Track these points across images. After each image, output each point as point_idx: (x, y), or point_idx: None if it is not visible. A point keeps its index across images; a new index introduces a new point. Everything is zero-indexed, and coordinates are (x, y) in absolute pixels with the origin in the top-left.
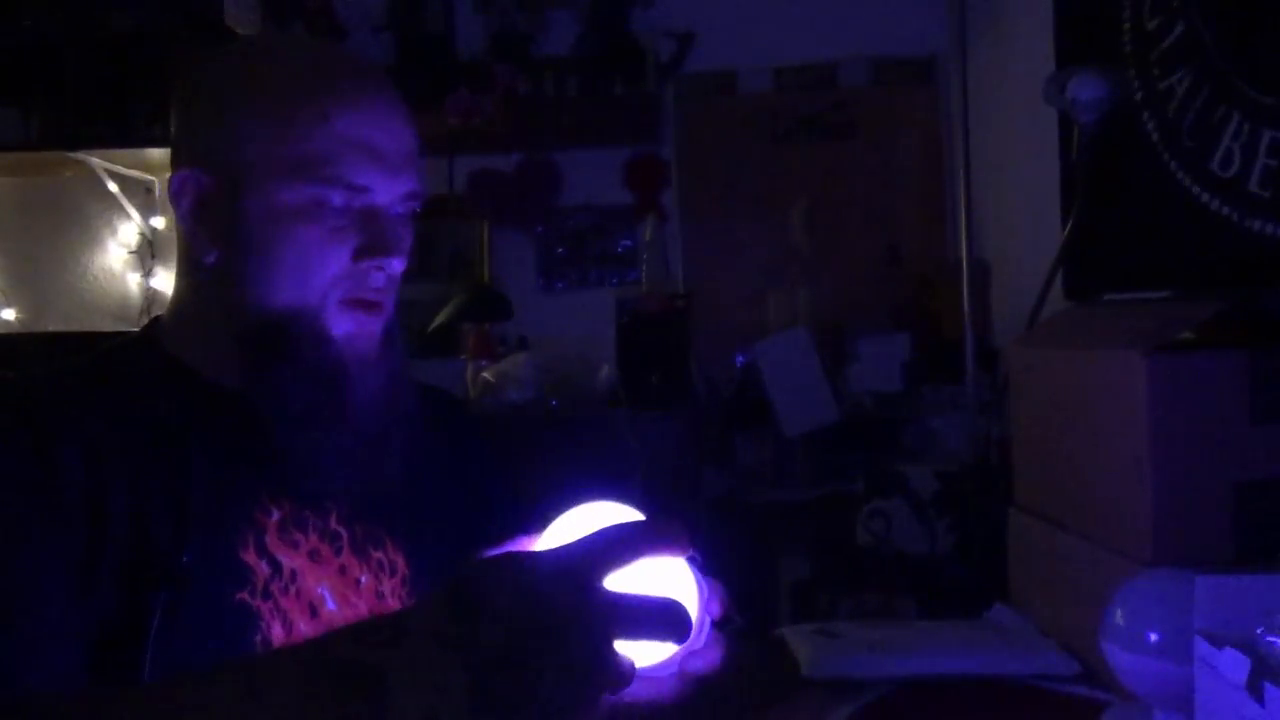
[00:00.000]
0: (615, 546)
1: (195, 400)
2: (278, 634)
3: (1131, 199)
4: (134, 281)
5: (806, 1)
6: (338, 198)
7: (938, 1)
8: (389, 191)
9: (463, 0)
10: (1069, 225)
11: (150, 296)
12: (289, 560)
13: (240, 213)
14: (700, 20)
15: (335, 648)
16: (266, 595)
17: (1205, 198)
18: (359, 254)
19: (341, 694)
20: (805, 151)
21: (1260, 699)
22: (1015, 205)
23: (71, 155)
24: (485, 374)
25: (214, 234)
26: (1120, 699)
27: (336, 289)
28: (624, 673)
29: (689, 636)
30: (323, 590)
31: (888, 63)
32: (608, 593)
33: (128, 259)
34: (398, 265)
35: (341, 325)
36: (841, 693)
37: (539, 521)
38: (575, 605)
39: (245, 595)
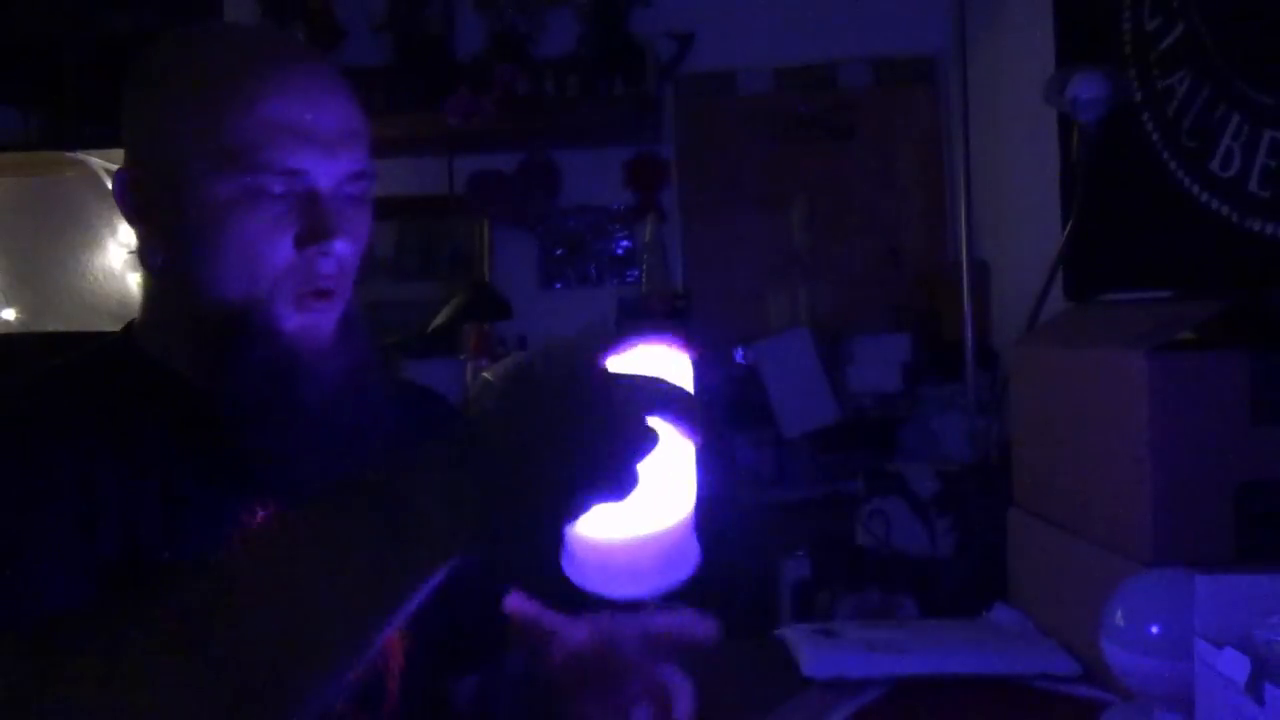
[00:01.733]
0: (604, 332)
1: (175, 400)
2: None
3: (1131, 199)
4: (134, 281)
5: (806, 1)
6: (275, 185)
7: (938, 1)
8: (329, 173)
9: (463, 0)
10: (1069, 225)
11: None
12: None
13: (179, 210)
14: (700, 20)
15: (368, 477)
16: None
17: (1205, 198)
18: (301, 241)
19: (374, 512)
20: (805, 151)
21: (1260, 699)
22: (1015, 205)
23: (71, 155)
24: (485, 374)
25: (159, 233)
26: (1120, 699)
27: (286, 282)
28: (645, 432)
29: (694, 419)
30: None
31: (888, 63)
32: (603, 369)
33: (128, 259)
34: (342, 248)
35: (293, 319)
36: (841, 693)
37: None
38: (568, 378)
39: None
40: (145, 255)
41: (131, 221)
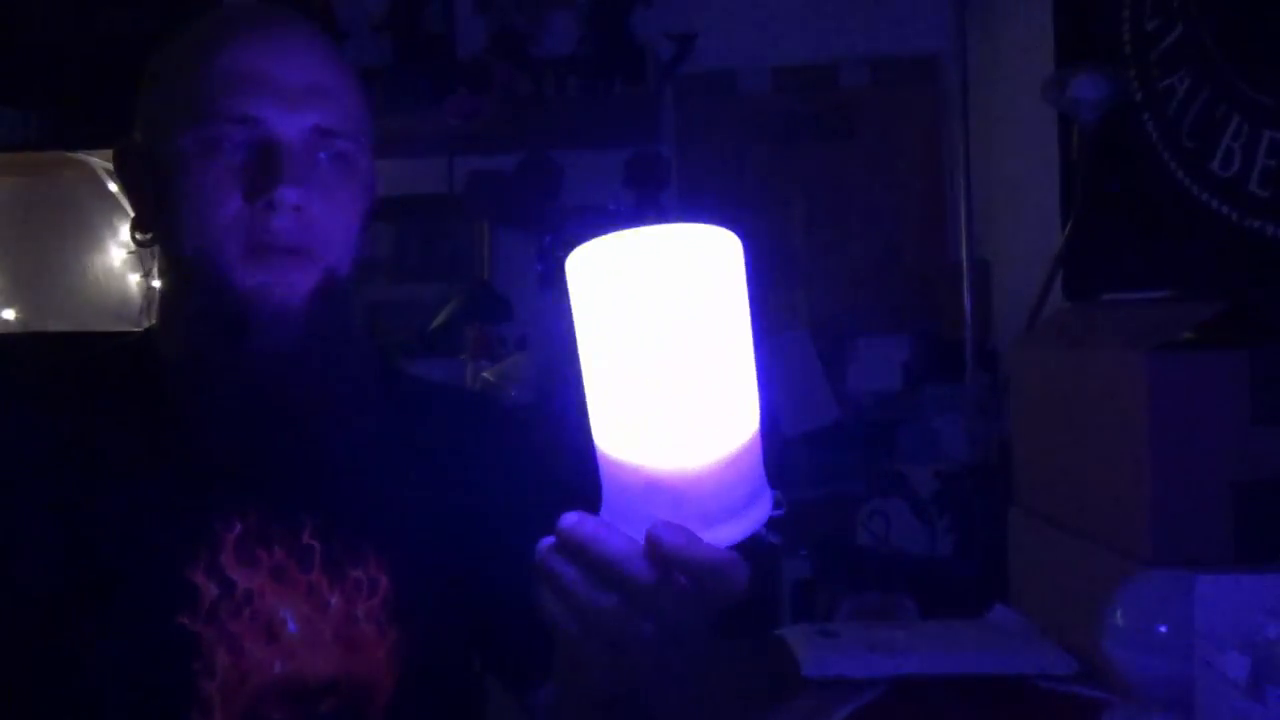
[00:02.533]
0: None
1: (165, 406)
2: (223, 660)
3: (1131, 199)
4: (134, 281)
5: (806, 1)
6: (233, 134)
7: (938, 1)
8: (289, 123)
9: (463, 0)
10: (1069, 225)
11: (150, 297)
12: (245, 580)
13: (153, 171)
14: (700, 20)
15: None
16: (211, 618)
17: (1205, 198)
18: (249, 192)
19: None
20: (805, 151)
21: (1260, 699)
22: (1015, 205)
23: (71, 155)
24: (485, 374)
25: (143, 201)
26: (1120, 699)
27: (235, 233)
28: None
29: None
30: (284, 612)
31: (888, 63)
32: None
33: (128, 259)
34: (291, 196)
35: (248, 276)
36: (841, 693)
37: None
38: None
39: (185, 619)
40: (134, 230)
41: (127, 196)
